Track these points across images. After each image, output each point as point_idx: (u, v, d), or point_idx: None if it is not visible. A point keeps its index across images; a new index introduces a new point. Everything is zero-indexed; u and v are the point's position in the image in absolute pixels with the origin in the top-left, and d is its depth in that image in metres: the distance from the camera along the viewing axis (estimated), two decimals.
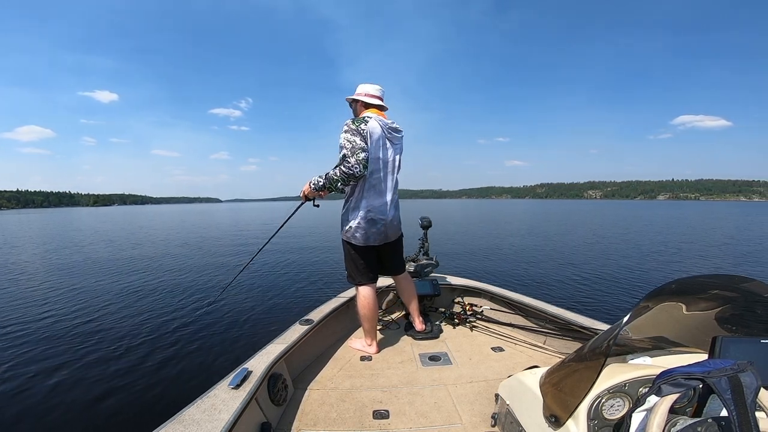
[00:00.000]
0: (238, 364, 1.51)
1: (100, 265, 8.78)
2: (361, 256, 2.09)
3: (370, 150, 1.89)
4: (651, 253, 9.73)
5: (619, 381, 0.92)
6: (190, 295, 5.71)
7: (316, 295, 5.65)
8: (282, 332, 1.90)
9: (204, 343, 3.74)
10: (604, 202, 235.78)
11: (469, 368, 1.95)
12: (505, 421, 1.28)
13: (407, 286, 2.33)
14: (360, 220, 1.98)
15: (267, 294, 5.76)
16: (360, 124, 1.88)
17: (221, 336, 3.95)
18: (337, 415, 1.55)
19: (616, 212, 41.58)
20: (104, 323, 4.41)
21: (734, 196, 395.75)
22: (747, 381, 0.68)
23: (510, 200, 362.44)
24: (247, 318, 4.56)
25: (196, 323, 4.37)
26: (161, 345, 3.71)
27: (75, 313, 4.87)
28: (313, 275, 7.15)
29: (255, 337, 3.93)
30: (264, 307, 5.03)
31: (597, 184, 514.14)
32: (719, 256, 9.40)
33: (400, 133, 2.07)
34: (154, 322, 4.43)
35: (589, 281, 6.48)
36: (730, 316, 1.01)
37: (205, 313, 4.76)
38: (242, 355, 3.26)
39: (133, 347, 3.66)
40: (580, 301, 5.23)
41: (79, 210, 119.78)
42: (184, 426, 1.11)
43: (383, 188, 1.99)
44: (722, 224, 21.29)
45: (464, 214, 36.36)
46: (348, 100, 2.13)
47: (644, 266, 7.95)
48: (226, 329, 4.16)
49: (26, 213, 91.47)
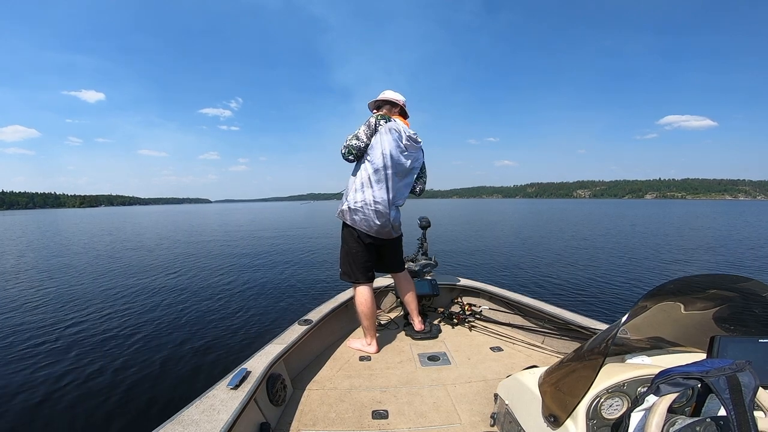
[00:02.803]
0: (236, 365, 1.51)
1: (96, 268, 8.76)
2: (360, 253, 2.10)
3: (381, 146, 1.98)
4: (649, 253, 9.76)
5: (618, 381, 0.92)
6: (189, 296, 5.70)
7: (315, 295, 5.65)
8: (281, 332, 1.90)
9: (203, 344, 3.74)
10: (594, 201, 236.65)
11: (468, 368, 1.95)
12: (504, 421, 1.28)
13: (407, 284, 2.34)
14: (361, 204, 2.01)
15: (266, 294, 5.75)
16: (380, 119, 2.03)
17: (220, 336, 3.94)
18: (336, 415, 1.55)
19: (609, 211, 41.71)
20: (103, 324, 4.40)
21: (720, 195, 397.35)
22: (745, 380, 0.68)
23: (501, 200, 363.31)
24: (246, 318, 4.56)
25: (195, 323, 4.36)
26: (160, 346, 3.70)
27: (74, 314, 4.85)
28: (313, 275, 7.15)
29: (254, 337, 3.93)
30: (263, 308, 5.03)
31: (586, 183, 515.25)
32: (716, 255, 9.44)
33: (419, 144, 2.16)
34: (153, 322, 4.42)
35: (587, 281, 6.49)
36: (729, 315, 1.01)
37: (204, 314, 4.75)
38: (241, 356, 3.26)
39: (131, 348, 3.65)
40: (579, 301, 5.24)
41: (65, 211, 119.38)
42: (183, 426, 1.10)
43: (388, 186, 2.02)
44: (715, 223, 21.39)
45: (458, 214, 36.39)
46: (375, 103, 2.22)
47: (643, 266, 7.97)
48: (225, 329, 4.15)
49: (11, 214, 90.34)
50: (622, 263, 8.25)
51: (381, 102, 2.20)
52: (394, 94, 2.18)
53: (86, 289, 6.29)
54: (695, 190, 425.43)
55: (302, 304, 5.14)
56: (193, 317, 4.61)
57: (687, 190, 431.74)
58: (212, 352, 3.56)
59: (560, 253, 9.90)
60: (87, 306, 5.21)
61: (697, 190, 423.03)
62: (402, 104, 2.18)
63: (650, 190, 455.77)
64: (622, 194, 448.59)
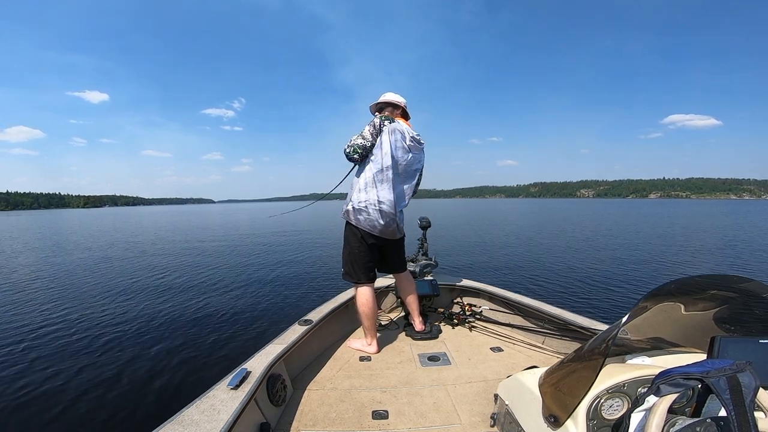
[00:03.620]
0: (237, 365, 1.51)
1: (97, 268, 8.77)
2: (363, 253, 2.10)
3: (386, 146, 2.01)
4: (650, 253, 9.75)
5: (618, 381, 0.92)
6: (189, 296, 5.71)
7: (316, 295, 5.65)
8: (281, 333, 1.90)
9: (203, 344, 3.74)
10: (598, 200, 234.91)
11: (468, 368, 1.95)
12: (504, 422, 1.28)
13: (408, 285, 2.34)
14: (366, 204, 2.02)
15: (266, 294, 5.75)
16: (384, 120, 2.06)
17: (220, 336, 3.94)
18: (336, 416, 1.55)
19: (612, 210, 41.53)
20: (103, 324, 4.40)
21: (725, 194, 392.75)
22: (745, 381, 0.68)
23: (504, 199, 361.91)
24: (246, 318, 4.56)
25: (195, 324, 4.36)
26: (160, 346, 3.70)
27: (73, 314, 4.86)
28: (313, 276, 7.15)
29: (254, 337, 3.93)
30: (263, 308, 5.03)
31: (590, 183, 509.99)
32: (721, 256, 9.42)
33: (422, 145, 2.18)
34: (153, 323, 4.42)
35: (588, 281, 6.49)
36: (729, 316, 1.01)
37: (204, 314, 4.75)
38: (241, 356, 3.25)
39: (131, 348, 3.65)
40: (579, 302, 5.24)
41: (69, 212, 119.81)
42: (183, 426, 1.10)
43: (392, 186, 2.03)
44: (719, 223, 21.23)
45: (460, 214, 36.33)
46: (377, 106, 2.25)
47: (643, 266, 7.96)
48: (225, 330, 4.15)
49: (16, 215, 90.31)
50: (623, 263, 8.24)
51: (382, 104, 2.21)
52: (395, 96, 2.19)
53: (84, 291, 6.29)
54: (700, 189, 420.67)
55: (302, 304, 5.14)
56: (194, 317, 4.61)
57: (691, 189, 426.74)
58: (212, 352, 3.56)
59: (561, 252, 9.89)
60: (86, 307, 5.22)
61: (701, 190, 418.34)
62: (403, 106, 2.20)
63: (654, 190, 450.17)
64: (626, 194, 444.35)
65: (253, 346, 3.59)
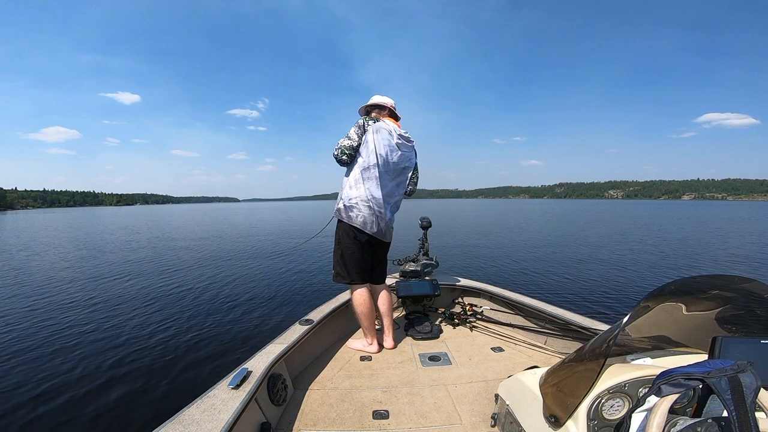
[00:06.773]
0: (237, 364, 1.51)
1: (101, 267, 8.78)
2: (356, 252, 2.09)
3: (371, 144, 2.03)
4: (651, 254, 9.73)
5: (619, 381, 0.92)
6: (189, 296, 5.71)
7: (316, 295, 5.65)
8: (282, 332, 1.90)
9: (203, 343, 3.74)
10: (626, 201, 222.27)
11: (469, 368, 1.95)
12: (504, 422, 1.28)
13: (386, 299, 2.24)
14: (356, 201, 2.04)
15: (267, 294, 5.75)
16: (368, 120, 2.08)
17: (221, 336, 3.95)
18: (336, 415, 1.55)
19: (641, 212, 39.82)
20: (103, 324, 4.41)
21: (762, 196, 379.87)
22: (747, 381, 0.68)
23: (528, 200, 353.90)
24: (247, 318, 4.56)
25: (196, 324, 4.36)
26: (160, 345, 3.70)
27: (72, 314, 4.87)
28: (313, 276, 7.15)
29: (255, 337, 3.93)
30: (264, 308, 5.03)
31: (618, 183, 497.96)
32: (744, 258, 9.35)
33: (411, 143, 2.20)
34: (153, 322, 4.43)
35: (589, 281, 6.47)
36: (730, 316, 1.01)
37: (205, 314, 4.76)
38: (242, 355, 3.26)
39: (132, 347, 3.65)
40: (580, 302, 5.23)
41: (103, 209, 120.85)
42: (184, 426, 1.10)
43: (379, 183, 2.05)
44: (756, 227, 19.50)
45: (479, 214, 35.76)
46: (365, 108, 2.27)
47: (644, 267, 7.95)
48: (226, 329, 4.15)
49: (52, 212, 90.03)
50: (624, 264, 8.22)
51: (370, 107, 2.25)
52: (381, 98, 2.23)
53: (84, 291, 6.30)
54: (736, 190, 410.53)
55: (303, 304, 5.14)
56: (194, 317, 4.62)
57: (727, 190, 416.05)
58: (213, 351, 3.56)
59: (562, 253, 9.87)
60: (86, 307, 5.23)
61: (738, 191, 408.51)
62: (390, 106, 2.22)
63: (688, 191, 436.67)
64: (657, 195, 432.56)
65: (253, 345, 3.59)
